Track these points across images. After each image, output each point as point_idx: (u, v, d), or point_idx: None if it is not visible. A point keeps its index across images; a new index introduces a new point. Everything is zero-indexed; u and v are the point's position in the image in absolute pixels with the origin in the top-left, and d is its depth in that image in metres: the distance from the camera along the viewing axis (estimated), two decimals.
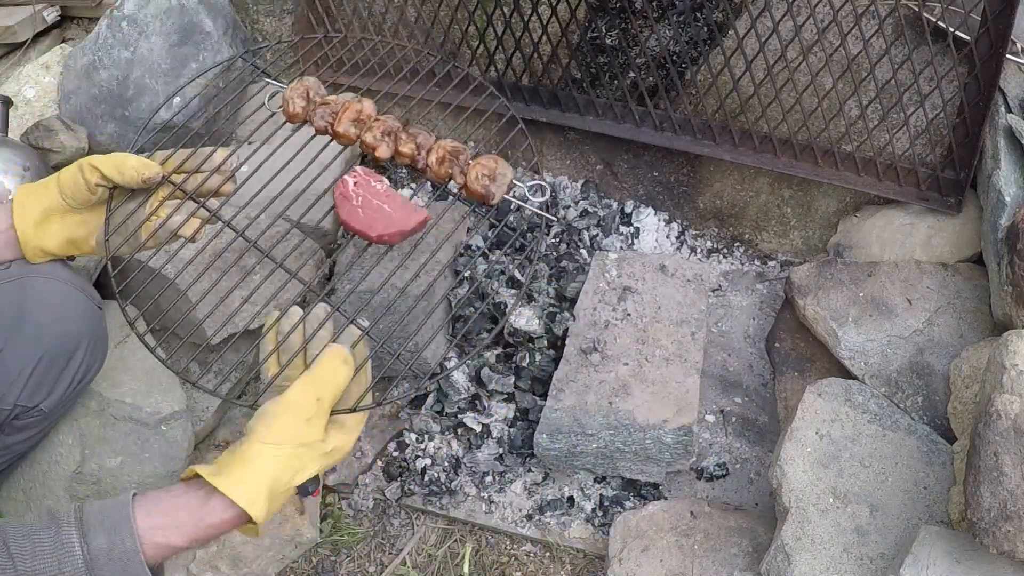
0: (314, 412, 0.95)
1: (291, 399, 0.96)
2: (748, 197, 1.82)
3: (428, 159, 1.26)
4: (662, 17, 1.69)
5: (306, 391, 0.96)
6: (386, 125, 1.28)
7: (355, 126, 1.28)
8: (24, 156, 1.45)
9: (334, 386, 0.98)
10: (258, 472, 0.92)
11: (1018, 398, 1.08)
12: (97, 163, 1.13)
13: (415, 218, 1.22)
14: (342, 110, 1.29)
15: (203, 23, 1.71)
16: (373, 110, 1.30)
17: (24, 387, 1.13)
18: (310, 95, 1.33)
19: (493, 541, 1.48)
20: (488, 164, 1.24)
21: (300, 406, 0.95)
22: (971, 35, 1.47)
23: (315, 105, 1.32)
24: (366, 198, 1.24)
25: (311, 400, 0.96)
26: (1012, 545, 1.04)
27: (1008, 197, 1.44)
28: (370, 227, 1.22)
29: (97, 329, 1.21)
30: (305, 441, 0.94)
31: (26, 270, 1.16)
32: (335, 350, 1.00)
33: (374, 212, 1.23)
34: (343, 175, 1.26)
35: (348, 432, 0.99)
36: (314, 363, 0.99)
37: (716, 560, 1.34)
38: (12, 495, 1.34)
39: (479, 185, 1.23)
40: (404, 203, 1.23)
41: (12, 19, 1.91)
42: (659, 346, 1.53)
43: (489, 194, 1.23)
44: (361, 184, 1.24)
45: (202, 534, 0.92)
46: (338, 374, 0.98)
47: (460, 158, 1.25)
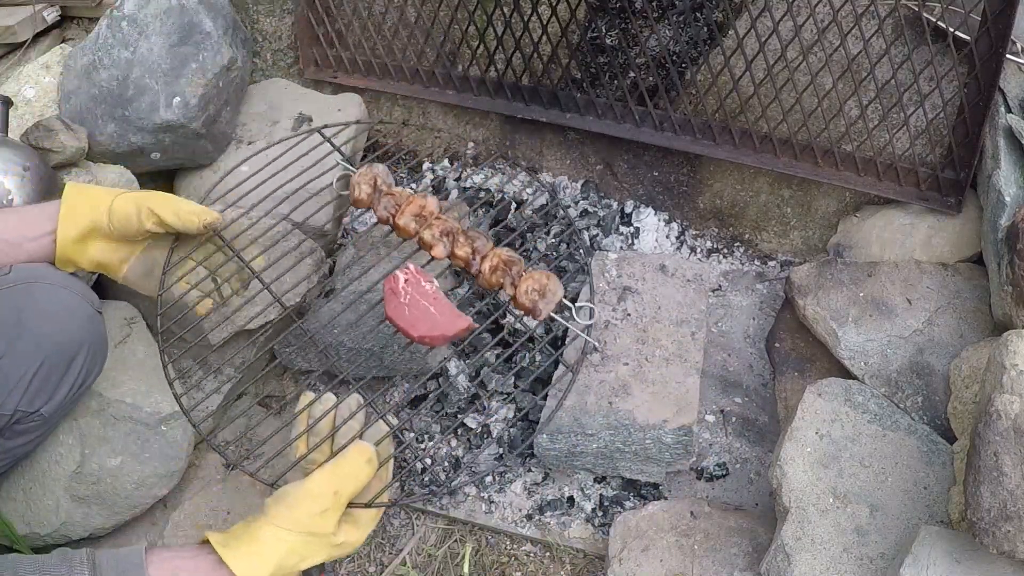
0: (330, 505, 0.97)
1: (310, 488, 0.97)
2: (748, 197, 1.82)
3: (482, 265, 1.27)
4: (662, 17, 1.69)
5: (326, 483, 0.98)
6: (445, 225, 1.29)
7: (415, 221, 1.30)
8: (24, 156, 1.45)
9: (355, 482, 1.00)
10: (265, 553, 0.93)
11: (1018, 398, 1.08)
12: (156, 208, 1.16)
13: (459, 324, 1.22)
14: (405, 204, 1.31)
15: (203, 23, 1.71)
16: (436, 207, 1.32)
17: (25, 393, 1.13)
18: (377, 183, 1.35)
19: (493, 541, 1.48)
20: (540, 280, 1.24)
21: (317, 497, 0.97)
22: (971, 35, 1.47)
23: (380, 194, 1.34)
24: (414, 297, 1.24)
25: (329, 492, 0.97)
26: (1012, 545, 1.04)
27: (1008, 197, 1.44)
28: (413, 327, 1.22)
29: (97, 334, 1.21)
30: (316, 532, 0.96)
31: (26, 275, 1.16)
32: (361, 447, 1.02)
33: (420, 312, 1.22)
34: (395, 270, 1.26)
35: (361, 528, 1.01)
36: (339, 456, 1.01)
37: (716, 560, 1.34)
38: (12, 495, 1.34)
39: (528, 299, 1.23)
40: (450, 308, 1.23)
41: (12, 19, 1.91)
42: (659, 346, 1.53)
43: (537, 310, 1.23)
44: (411, 282, 1.25)
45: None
46: (361, 472, 1.00)
47: (513, 269, 1.25)
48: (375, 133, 1.98)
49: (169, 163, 1.77)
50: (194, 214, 1.18)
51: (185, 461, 1.40)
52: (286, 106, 1.91)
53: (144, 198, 1.17)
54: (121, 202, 1.17)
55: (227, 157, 1.83)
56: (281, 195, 1.39)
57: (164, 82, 1.67)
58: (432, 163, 2.01)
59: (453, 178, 1.97)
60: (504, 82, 1.84)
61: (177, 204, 1.18)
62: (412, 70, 1.91)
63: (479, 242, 1.28)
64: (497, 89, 1.85)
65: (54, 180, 1.49)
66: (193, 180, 1.82)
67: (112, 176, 1.63)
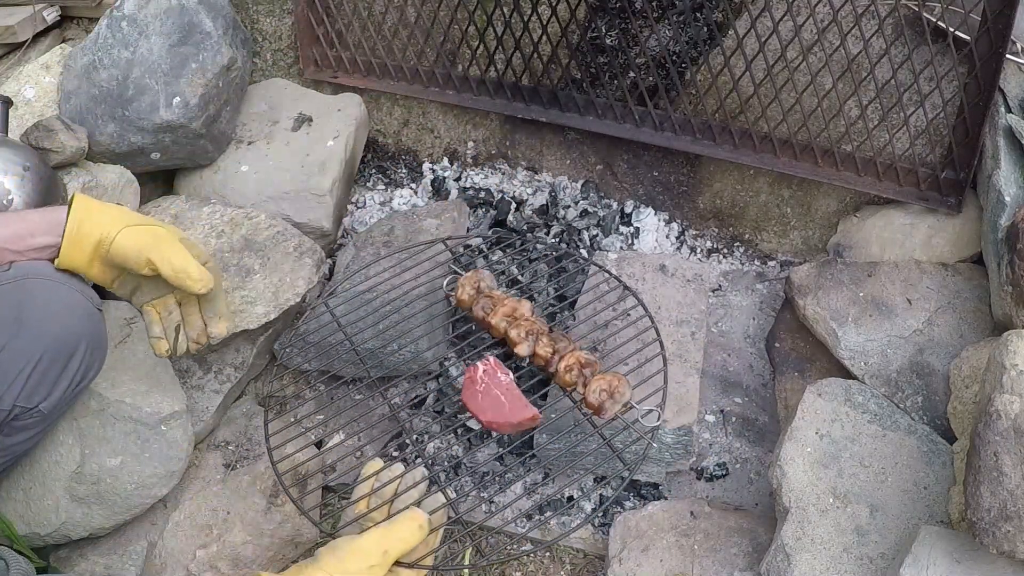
0: (377, 562, 1.04)
1: (362, 545, 1.05)
2: (748, 197, 1.82)
3: (559, 365, 1.35)
4: (662, 17, 1.69)
5: (378, 542, 1.06)
6: (533, 327, 1.40)
7: (506, 321, 1.41)
8: (24, 156, 1.45)
9: (404, 545, 1.07)
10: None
11: (1018, 398, 1.08)
12: (156, 262, 1.18)
13: (525, 414, 1.32)
14: (500, 305, 1.43)
15: (203, 23, 1.71)
16: (528, 311, 1.43)
17: (23, 387, 1.13)
18: (480, 287, 1.47)
19: (493, 541, 1.48)
20: (611, 381, 1.32)
21: (367, 553, 1.04)
22: (971, 35, 1.47)
23: (480, 296, 1.46)
24: (488, 386, 1.36)
25: (379, 551, 1.05)
26: (1012, 545, 1.04)
27: (1008, 197, 1.44)
28: (483, 412, 1.33)
29: (96, 330, 1.21)
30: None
31: (26, 271, 1.16)
32: (416, 514, 1.10)
33: (491, 401, 1.34)
34: (477, 361, 1.39)
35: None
36: (395, 519, 1.09)
37: (716, 560, 1.34)
38: (12, 495, 1.34)
39: (595, 399, 1.31)
40: (520, 398, 1.33)
41: (12, 19, 1.91)
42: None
43: (604, 409, 1.30)
44: (488, 373, 1.37)
45: None
46: (412, 536, 1.07)
47: (587, 371, 1.34)
48: (375, 133, 1.98)
49: (169, 163, 1.78)
50: (190, 279, 1.19)
51: (185, 461, 1.40)
52: (286, 106, 1.92)
53: (146, 247, 1.18)
54: (124, 241, 1.18)
55: (227, 157, 1.83)
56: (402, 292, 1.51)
57: (164, 82, 1.67)
58: (432, 163, 2.01)
59: (453, 178, 1.97)
60: (504, 82, 1.84)
61: (175, 262, 1.19)
62: (412, 70, 1.91)
63: (561, 344, 1.38)
64: (497, 89, 1.85)
65: (54, 180, 1.49)
66: (193, 180, 1.82)
67: (112, 176, 1.63)
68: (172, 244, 1.20)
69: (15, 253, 1.17)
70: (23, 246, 1.18)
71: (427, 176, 1.99)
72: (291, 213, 1.75)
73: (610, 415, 1.31)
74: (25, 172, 1.42)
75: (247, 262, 1.58)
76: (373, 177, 2.03)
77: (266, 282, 1.56)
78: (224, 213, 1.67)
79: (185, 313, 1.27)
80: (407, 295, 1.52)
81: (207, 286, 1.21)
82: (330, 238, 1.82)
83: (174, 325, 1.27)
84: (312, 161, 1.80)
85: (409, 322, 1.50)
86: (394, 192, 1.99)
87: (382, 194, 1.99)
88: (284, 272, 1.57)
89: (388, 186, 2.02)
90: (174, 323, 1.27)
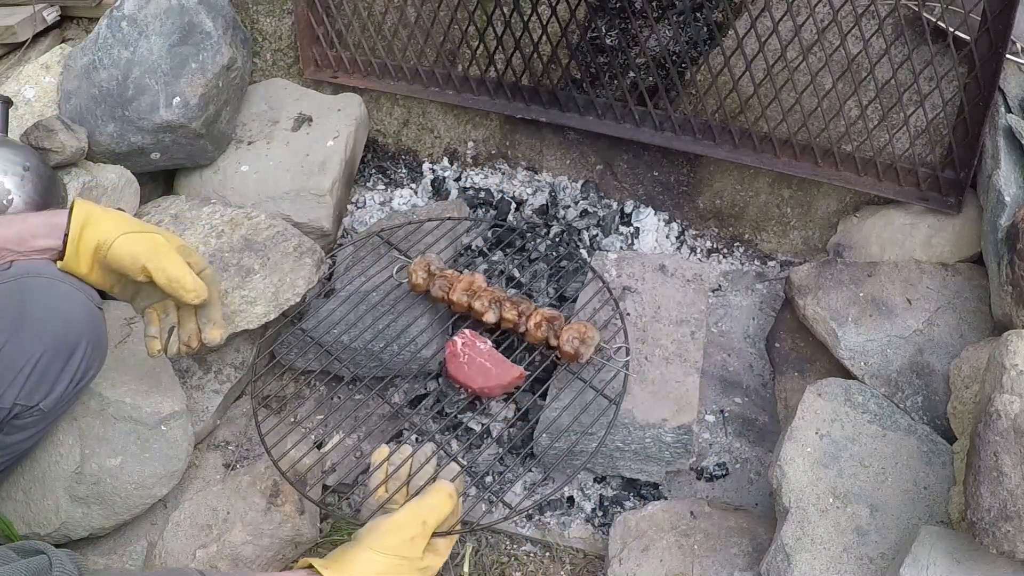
0: (418, 532, 1.11)
1: (400, 520, 1.12)
2: (748, 197, 1.82)
3: (528, 323, 1.44)
4: (662, 17, 1.69)
5: (415, 515, 1.13)
6: (493, 295, 1.49)
7: (466, 295, 1.49)
8: (24, 156, 1.45)
9: (439, 513, 1.14)
10: (360, 572, 1.05)
11: (1018, 398, 1.08)
12: (151, 270, 1.19)
13: (512, 374, 1.43)
14: (456, 281, 1.50)
15: (203, 23, 1.71)
16: (483, 282, 1.51)
17: (24, 385, 1.13)
18: (431, 269, 1.54)
19: (493, 541, 1.48)
20: (579, 329, 1.42)
21: (407, 525, 1.11)
22: (971, 35, 1.47)
23: (434, 277, 1.53)
24: (471, 356, 1.45)
25: (418, 522, 1.12)
26: (1012, 545, 1.04)
27: (1008, 197, 1.44)
28: (472, 380, 1.43)
29: (96, 329, 1.21)
30: (406, 555, 1.09)
31: (26, 270, 1.17)
32: (444, 484, 1.18)
33: (477, 369, 1.43)
34: (454, 335, 1.48)
35: (439, 555, 1.15)
36: (425, 492, 1.17)
37: (716, 560, 1.34)
38: (12, 495, 1.34)
39: (570, 347, 1.40)
40: (503, 361, 1.44)
41: (12, 19, 1.91)
42: (659, 346, 1.53)
43: (579, 354, 1.40)
44: (468, 344, 1.46)
45: None
46: (444, 505, 1.15)
47: (555, 323, 1.43)
48: (375, 133, 1.99)
49: (169, 163, 1.78)
50: (183, 289, 1.21)
51: (185, 461, 1.40)
52: (286, 106, 1.92)
53: (142, 254, 1.19)
54: (121, 248, 1.19)
55: (227, 157, 1.83)
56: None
57: (164, 82, 1.67)
58: (432, 163, 2.01)
59: (453, 178, 1.97)
60: (504, 82, 1.84)
61: (170, 271, 1.20)
62: (412, 70, 1.91)
63: (523, 305, 1.47)
64: (497, 89, 1.85)
65: (54, 180, 1.49)
66: (193, 180, 1.82)
67: (112, 176, 1.63)
68: (168, 253, 1.21)
69: (16, 253, 1.18)
70: (25, 247, 1.19)
71: (427, 176, 1.99)
72: (291, 213, 1.75)
73: (585, 358, 1.40)
74: (25, 172, 1.42)
75: (247, 262, 1.58)
76: (373, 177, 2.03)
77: (266, 282, 1.56)
78: (224, 213, 1.67)
79: (181, 317, 1.28)
80: (361, 291, 1.59)
81: (200, 297, 1.23)
82: (330, 238, 1.82)
83: (169, 326, 1.28)
84: (312, 161, 1.80)
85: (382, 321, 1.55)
86: (394, 192, 1.99)
87: (382, 194, 1.99)
88: (284, 272, 1.57)
89: (388, 186, 2.02)
90: (169, 324, 1.28)
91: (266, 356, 1.63)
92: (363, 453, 1.59)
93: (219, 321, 1.29)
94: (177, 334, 1.28)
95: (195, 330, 1.28)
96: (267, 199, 1.76)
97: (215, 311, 1.29)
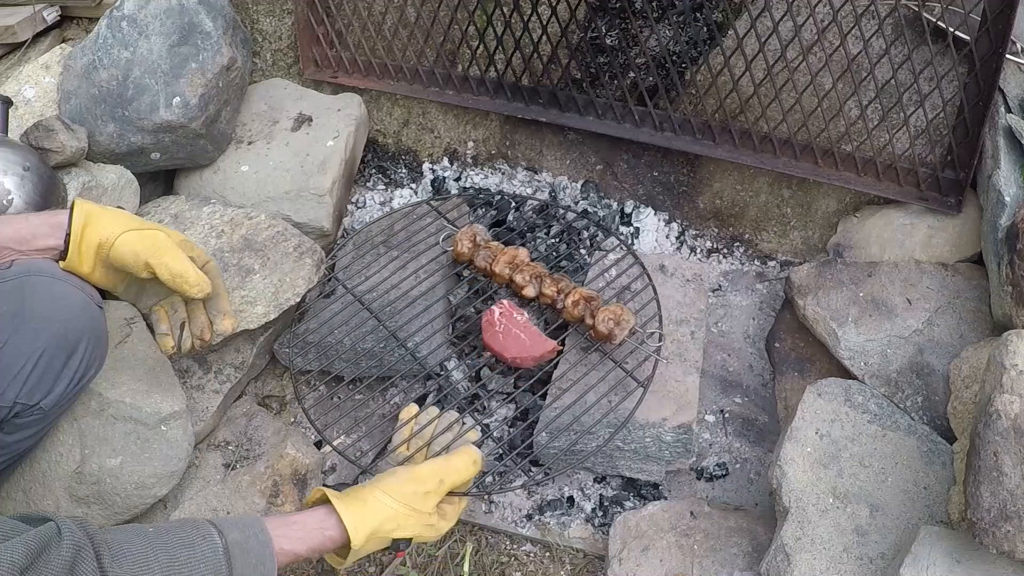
0: (433, 489, 1.15)
1: (420, 473, 1.15)
2: (748, 197, 1.82)
3: (566, 301, 1.47)
4: (662, 17, 1.69)
5: (435, 472, 1.16)
6: (535, 270, 1.52)
7: (508, 268, 1.53)
8: (24, 156, 1.45)
9: (459, 476, 1.18)
10: (371, 513, 1.09)
11: (1018, 398, 1.08)
12: (154, 266, 1.20)
13: (546, 347, 1.44)
14: (500, 254, 1.55)
15: (203, 23, 1.71)
16: (526, 256, 1.55)
17: (24, 384, 1.13)
18: (476, 239, 1.58)
19: (493, 541, 1.48)
20: (616, 311, 1.44)
21: (425, 479, 1.15)
22: (971, 35, 1.47)
23: (479, 248, 1.57)
24: (507, 326, 1.46)
25: (435, 480, 1.15)
26: (1012, 545, 1.04)
27: (1008, 197, 1.44)
28: (506, 350, 1.44)
29: (97, 327, 1.21)
30: (417, 508, 1.12)
31: (27, 268, 1.17)
32: (472, 450, 1.21)
33: (512, 339, 1.45)
34: (493, 306, 1.51)
35: (448, 518, 1.18)
36: (453, 453, 1.21)
37: (716, 560, 1.34)
38: (12, 495, 1.34)
39: (605, 327, 1.43)
40: (538, 334, 1.46)
41: (12, 19, 1.91)
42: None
43: (613, 336, 1.43)
44: (505, 315, 1.48)
45: (317, 544, 1.07)
46: (466, 469, 1.19)
47: (592, 303, 1.46)
48: (375, 133, 2.00)
49: (169, 163, 1.78)
50: (187, 283, 1.22)
51: (185, 461, 1.40)
52: (286, 106, 1.92)
53: (144, 251, 1.21)
54: (122, 246, 1.21)
55: (227, 157, 1.83)
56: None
57: (164, 82, 1.67)
58: (432, 163, 2.01)
59: (453, 178, 1.97)
60: (504, 82, 1.84)
61: (173, 267, 1.21)
62: (412, 70, 1.91)
63: (563, 283, 1.50)
64: (497, 89, 1.85)
65: (54, 180, 1.49)
66: (193, 180, 1.82)
67: (112, 176, 1.62)
68: (170, 249, 1.22)
69: (17, 252, 1.18)
70: (26, 247, 1.19)
71: (427, 176, 1.99)
72: (291, 213, 1.75)
73: (619, 340, 1.42)
74: (25, 172, 1.42)
75: (247, 262, 1.58)
76: (373, 177, 2.03)
77: (266, 282, 1.56)
78: (224, 213, 1.67)
79: (191, 311, 1.30)
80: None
81: (204, 291, 1.24)
82: (330, 238, 1.82)
83: (179, 323, 1.29)
84: (312, 161, 1.80)
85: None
86: (394, 192, 1.99)
87: (382, 194, 1.99)
88: (284, 272, 1.57)
89: (388, 186, 2.02)
90: (179, 320, 1.29)
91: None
92: (363, 453, 1.59)
93: (228, 311, 1.31)
94: (189, 329, 1.29)
95: (206, 323, 1.30)
96: (267, 199, 1.76)
97: (223, 301, 1.30)
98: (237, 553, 0.97)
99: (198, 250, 1.28)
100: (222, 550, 0.96)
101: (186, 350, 1.31)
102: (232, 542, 0.98)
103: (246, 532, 1.00)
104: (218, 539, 0.97)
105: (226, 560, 0.96)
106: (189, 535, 0.97)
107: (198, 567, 0.94)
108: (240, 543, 0.98)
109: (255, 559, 0.99)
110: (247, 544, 0.99)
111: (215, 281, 1.28)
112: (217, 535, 0.98)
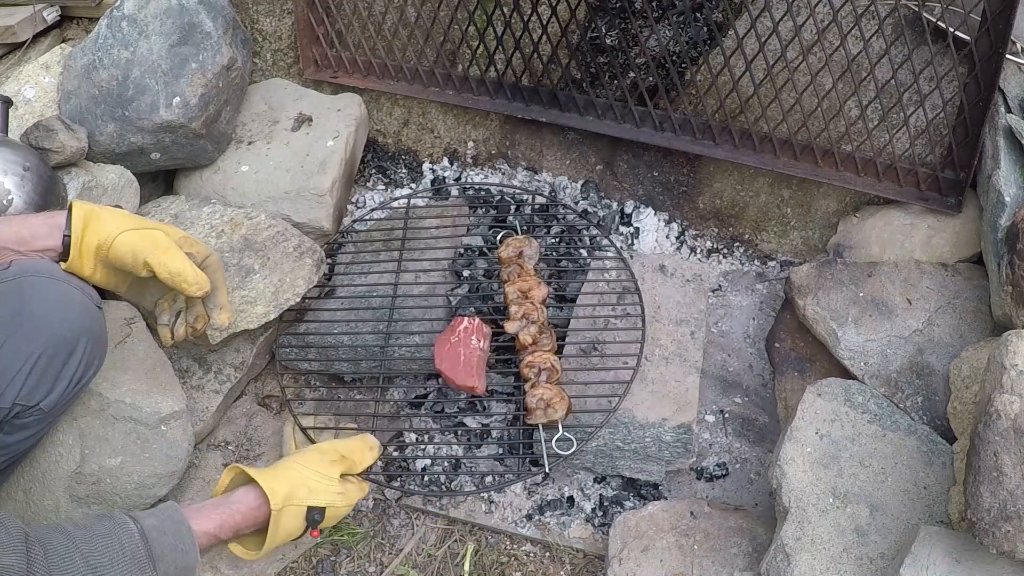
0: (336, 459, 1.25)
1: (321, 447, 1.27)
2: (748, 197, 1.82)
3: (528, 356, 1.47)
4: (662, 17, 1.69)
5: (333, 446, 1.27)
6: (533, 312, 1.51)
7: (516, 294, 1.54)
8: (24, 156, 1.45)
9: (356, 452, 1.28)
10: (284, 476, 1.19)
11: (1018, 398, 1.08)
12: (152, 264, 1.22)
13: (467, 383, 1.45)
14: (520, 278, 1.56)
15: (203, 23, 1.71)
16: (540, 297, 1.54)
17: (23, 385, 1.13)
18: (522, 252, 1.60)
19: (493, 541, 1.48)
20: (553, 396, 1.41)
21: (327, 452, 1.26)
22: (971, 35, 1.47)
23: (513, 260, 1.59)
24: (459, 343, 1.47)
25: (336, 453, 1.26)
26: (1012, 545, 1.04)
27: (1008, 197, 1.44)
28: (441, 361, 1.46)
29: (96, 328, 1.21)
30: (324, 473, 1.22)
31: (25, 269, 1.17)
32: (367, 436, 1.33)
33: (452, 356, 1.46)
34: (464, 316, 1.53)
35: (358, 487, 1.28)
36: (350, 438, 1.32)
37: (716, 560, 1.34)
38: (12, 495, 1.34)
39: (532, 402, 1.41)
40: (475, 367, 1.45)
41: (12, 19, 1.91)
42: (659, 345, 1.53)
43: (532, 414, 1.41)
44: (467, 331, 1.49)
45: (238, 519, 1.15)
46: (362, 445, 1.30)
47: (543, 375, 1.45)
48: (375, 133, 2.00)
49: (169, 163, 1.78)
50: (185, 282, 1.25)
51: (185, 461, 1.40)
52: (286, 106, 1.92)
53: (143, 251, 1.22)
54: (121, 244, 1.22)
55: (227, 157, 1.83)
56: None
57: (164, 82, 1.67)
58: (432, 163, 2.01)
59: (453, 178, 1.97)
60: (504, 82, 1.84)
61: (171, 266, 1.23)
62: (412, 70, 1.91)
63: (544, 339, 1.49)
64: (497, 89, 1.85)
65: (54, 180, 1.49)
66: (193, 180, 1.82)
67: (112, 176, 1.62)
68: (168, 248, 1.24)
69: (16, 253, 1.19)
70: (25, 248, 1.20)
71: (427, 176, 1.99)
72: (291, 213, 1.75)
73: (533, 421, 1.40)
74: (25, 172, 1.42)
75: (247, 262, 1.58)
76: (373, 177, 2.03)
77: (266, 282, 1.56)
78: (224, 213, 1.67)
79: (189, 302, 1.33)
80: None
81: (202, 289, 1.27)
82: (330, 238, 1.82)
83: (176, 311, 1.33)
84: (312, 161, 1.80)
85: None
86: (394, 192, 1.99)
87: (382, 194, 1.99)
88: (284, 272, 1.57)
89: (388, 186, 2.02)
90: (177, 310, 1.33)
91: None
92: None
93: (226, 305, 1.34)
94: (184, 317, 1.32)
95: (202, 313, 1.33)
96: (267, 199, 1.76)
97: (221, 296, 1.33)
98: (154, 536, 1.05)
99: (199, 245, 1.30)
100: (138, 534, 1.04)
101: (179, 337, 1.33)
102: (148, 527, 1.05)
103: (161, 517, 1.08)
104: (133, 526, 1.04)
105: (143, 543, 1.03)
106: (106, 526, 1.04)
107: (117, 554, 1.01)
108: (156, 527, 1.06)
109: (172, 539, 1.06)
110: (163, 527, 1.06)
111: (216, 275, 1.31)
112: (132, 522, 1.05)
